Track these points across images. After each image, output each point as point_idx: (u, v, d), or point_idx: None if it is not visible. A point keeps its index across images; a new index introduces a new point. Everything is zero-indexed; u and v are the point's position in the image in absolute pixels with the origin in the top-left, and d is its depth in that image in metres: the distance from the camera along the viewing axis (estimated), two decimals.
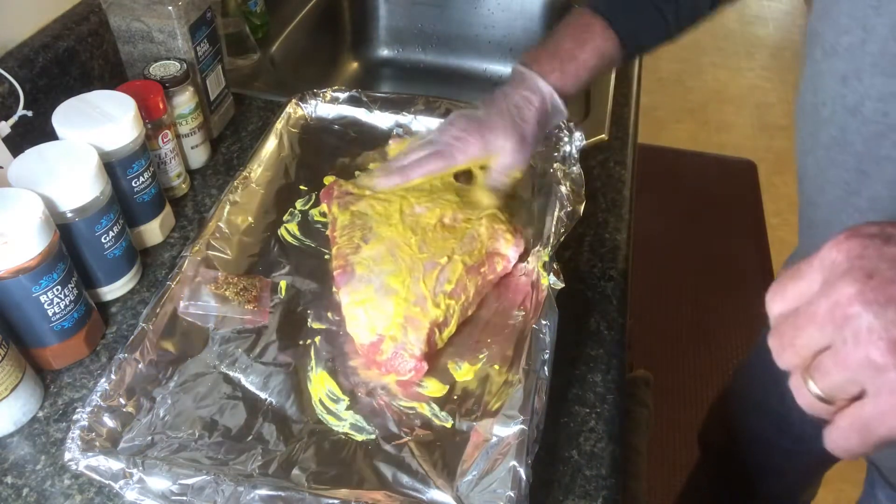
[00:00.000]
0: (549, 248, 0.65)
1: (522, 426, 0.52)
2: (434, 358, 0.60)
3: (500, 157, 0.69)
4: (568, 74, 0.69)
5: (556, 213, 0.69)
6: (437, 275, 0.62)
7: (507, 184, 0.71)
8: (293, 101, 0.85)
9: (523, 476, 0.49)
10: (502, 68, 1.25)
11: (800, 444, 0.84)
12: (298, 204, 0.75)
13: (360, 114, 0.86)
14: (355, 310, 0.61)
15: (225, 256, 0.67)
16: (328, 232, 0.70)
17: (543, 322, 0.59)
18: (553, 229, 0.67)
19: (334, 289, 0.65)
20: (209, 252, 0.66)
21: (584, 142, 0.77)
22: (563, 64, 0.69)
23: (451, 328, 0.61)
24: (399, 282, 0.61)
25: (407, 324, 0.59)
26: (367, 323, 0.60)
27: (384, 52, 1.28)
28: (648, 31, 0.72)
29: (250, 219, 0.72)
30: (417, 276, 0.62)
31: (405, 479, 0.53)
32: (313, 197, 0.76)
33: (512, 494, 0.49)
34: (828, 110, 0.55)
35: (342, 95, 0.86)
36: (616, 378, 0.62)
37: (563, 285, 0.62)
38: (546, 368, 0.56)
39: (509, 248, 0.67)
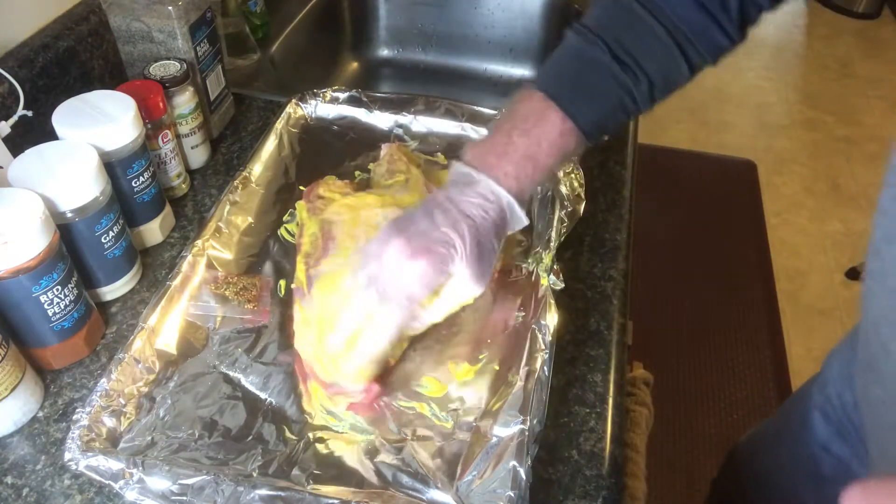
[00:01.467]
0: (550, 249, 0.65)
1: (522, 426, 0.52)
2: (433, 358, 0.60)
3: (453, 285, 0.55)
4: (524, 178, 0.55)
5: (556, 213, 0.69)
6: None
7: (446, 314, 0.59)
8: (293, 101, 0.85)
9: (523, 476, 0.49)
10: (502, 68, 1.25)
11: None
12: (298, 204, 0.75)
13: (360, 114, 0.86)
14: (304, 329, 0.59)
15: (225, 256, 0.67)
16: (295, 238, 0.69)
17: (543, 322, 0.59)
18: (554, 229, 0.67)
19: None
20: (209, 252, 0.66)
21: None
22: (519, 166, 0.55)
23: (403, 345, 0.60)
24: None
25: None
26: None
27: (384, 52, 1.27)
28: (613, 116, 0.58)
29: (250, 219, 0.72)
30: None
31: (405, 479, 0.53)
32: None
33: (512, 494, 0.49)
34: None
35: (342, 95, 0.86)
36: (616, 378, 0.62)
37: (563, 285, 0.62)
38: (546, 369, 0.56)
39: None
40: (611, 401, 0.60)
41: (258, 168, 0.76)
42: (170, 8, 0.75)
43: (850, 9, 3.09)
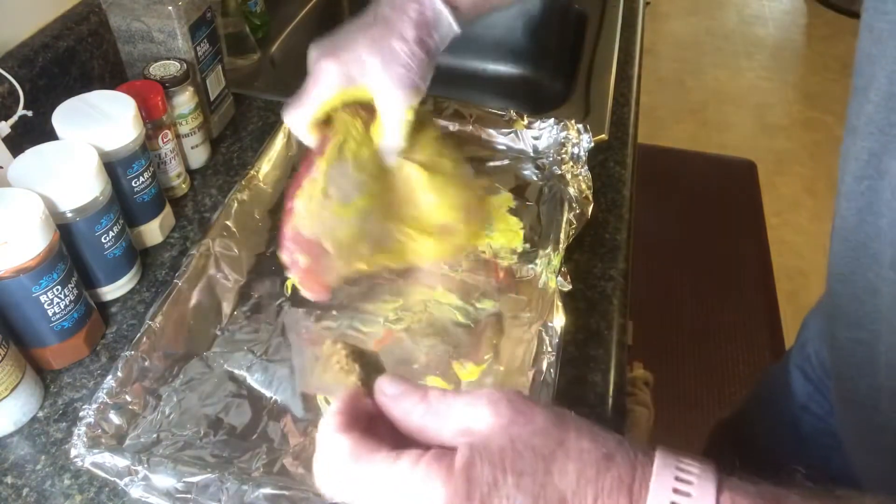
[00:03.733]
0: (559, 251, 0.65)
1: None
2: (438, 358, 0.61)
3: (374, 88, 0.54)
4: None
5: (564, 216, 0.69)
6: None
7: (404, 125, 0.57)
8: None
9: None
10: (502, 68, 1.25)
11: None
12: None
13: None
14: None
15: (232, 254, 0.67)
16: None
17: (550, 324, 0.59)
18: (562, 232, 0.67)
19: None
20: (216, 250, 0.66)
21: (592, 143, 0.77)
22: None
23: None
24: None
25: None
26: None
27: None
28: None
29: (257, 217, 0.72)
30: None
31: None
32: None
33: None
34: None
35: None
36: (616, 378, 0.62)
37: (570, 287, 0.62)
38: (552, 371, 0.56)
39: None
40: (611, 401, 0.60)
41: (266, 167, 0.76)
42: (170, 8, 0.74)
43: (850, 9, 3.10)
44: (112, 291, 0.66)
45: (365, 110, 0.59)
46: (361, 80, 0.55)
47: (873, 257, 0.49)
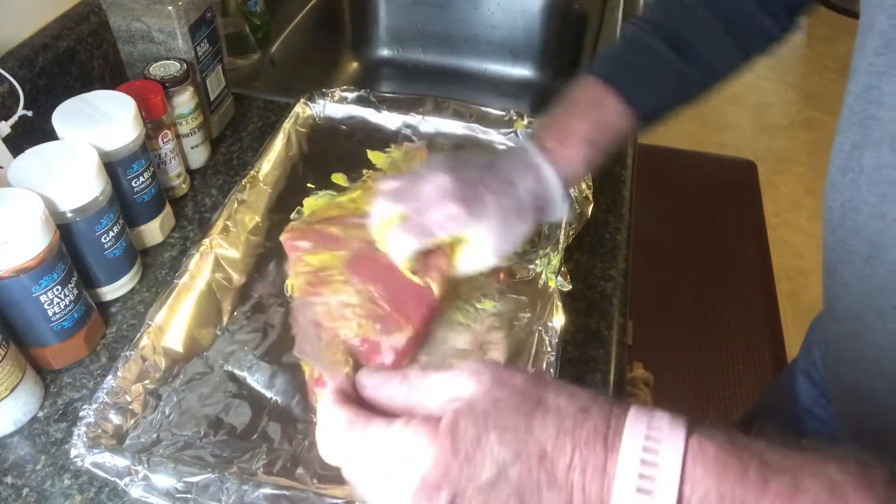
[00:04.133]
0: (558, 251, 0.65)
1: None
2: (439, 358, 0.61)
3: (474, 245, 0.56)
4: (580, 164, 0.57)
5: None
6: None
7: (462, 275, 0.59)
8: (302, 100, 0.85)
9: None
10: (502, 68, 1.25)
11: None
12: (306, 201, 0.75)
13: (369, 114, 0.86)
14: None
15: (232, 255, 0.67)
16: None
17: (550, 324, 0.59)
18: (562, 231, 0.67)
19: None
20: (217, 251, 0.66)
21: None
22: (578, 150, 0.56)
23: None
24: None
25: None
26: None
27: (384, 52, 1.27)
28: (668, 102, 0.60)
29: (258, 217, 0.72)
30: None
31: None
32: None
33: None
34: None
35: (350, 95, 0.86)
36: (616, 378, 0.62)
37: (570, 287, 0.62)
38: (552, 371, 0.56)
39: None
40: None
41: (266, 167, 0.76)
42: (170, 8, 0.74)
43: (850, 9, 3.09)
44: (112, 291, 0.66)
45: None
46: (473, 232, 0.55)
47: (855, 252, 0.49)
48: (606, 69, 0.59)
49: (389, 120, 0.85)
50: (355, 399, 0.36)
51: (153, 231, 0.72)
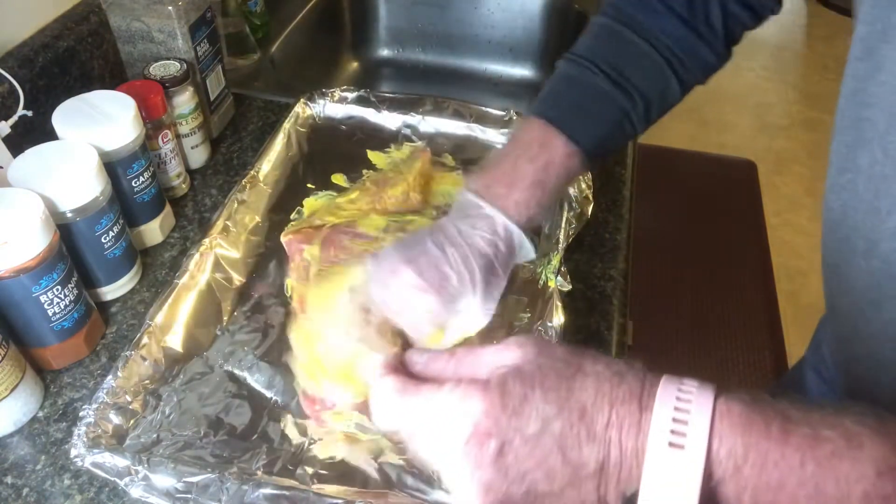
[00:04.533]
0: (558, 251, 0.65)
1: None
2: None
3: (461, 319, 0.54)
4: (534, 206, 0.55)
5: (564, 215, 0.69)
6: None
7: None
8: (302, 100, 0.85)
9: None
10: (502, 68, 1.25)
11: None
12: (306, 202, 0.75)
13: (369, 114, 0.86)
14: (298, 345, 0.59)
15: (232, 255, 0.67)
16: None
17: (550, 324, 0.59)
18: (561, 231, 0.67)
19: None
20: (216, 251, 0.66)
21: None
22: (528, 193, 0.55)
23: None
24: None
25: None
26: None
27: (384, 52, 1.27)
28: (613, 138, 0.59)
29: (258, 218, 0.72)
30: None
31: (409, 479, 0.52)
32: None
33: None
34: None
35: (350, 95, 0.86)
36: None
37: (570, 287, 0.62)
38: None
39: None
40: None
41: (266, 167, 0.76)
42: (170, 8, 0.74)
43: (851, 9, 3.09)
44: (112, 291, 0.66)
45: None
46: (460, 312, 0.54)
47: (853, 249, 0.50)
48: (549, 109, 0.57)
49: (389, 120, 0.85)
50: (405, 374, 0.39)
51: (153, 231, 0.72)
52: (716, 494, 0.32)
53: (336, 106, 0.86)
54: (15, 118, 0.67)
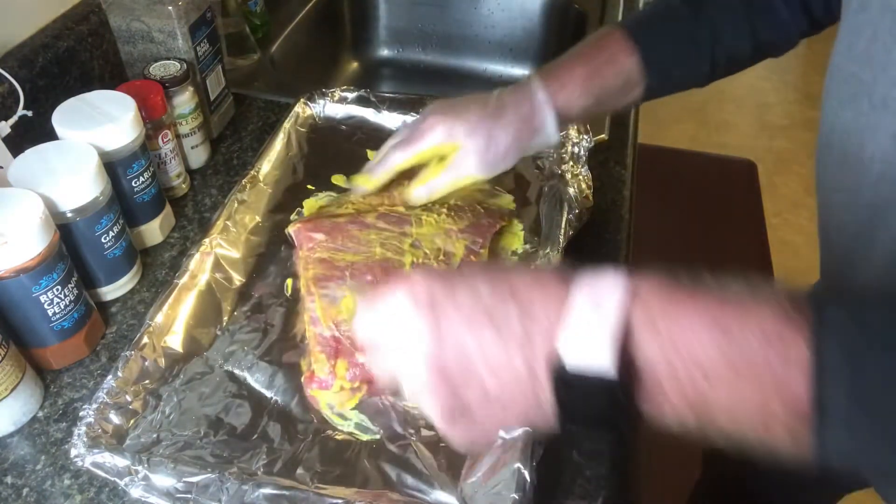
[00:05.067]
0: (558, 251, 0.65)
1: (527, 428, 0.52)
2: None
3: (458, 154, 0.61)
4: (574, 94, 0.60)
5: (564, 216, 0.69)
6: None
7: (451, 187, 0.64)
8: (302, 100, 0.85)
9: (528, 478, 0.49)
10: (502, 68, 1.25)
11: (818, 476, 0.80)
12: (306, 203, 0.75)
13: (369, 114, 0.86)
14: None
15: (232, 255, 0.67)
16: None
17: None
18: (562, 231, 0.67)
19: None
20: (217, 251, 0.66)
21: (593, 143, 0.77)
22: (572, 83, 0.60)
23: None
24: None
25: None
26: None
27: (384, 52, 1.27)
28: (679, 64, 0.62)
29: (258, 217, 0.72)
30: None
31: (409, 479, 0.52)
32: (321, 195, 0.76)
33: (516, 496, 0.48)
34: (879, 167, 0.49)
35: (350, 95, 0.86)
36: None
37: None
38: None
39: None
40: None
41: (266, 167, 0.76)
42: (170, 8, 0.74)
43: None
44: (112, 291, 0.66)
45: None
46: (459, 140, 0.60)
47: (842, 191, 0.56)
48: (630, 22, 0.62)
49: (389, 120, 0.85)
50: None
51: (153, 231, 0.72)
52: (634, 359, 0.33)
53: (336, 106, 0.86)
54: (15, 118, 0.67)
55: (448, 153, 0.62)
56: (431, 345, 0.36)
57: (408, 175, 0.69)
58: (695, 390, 0.32)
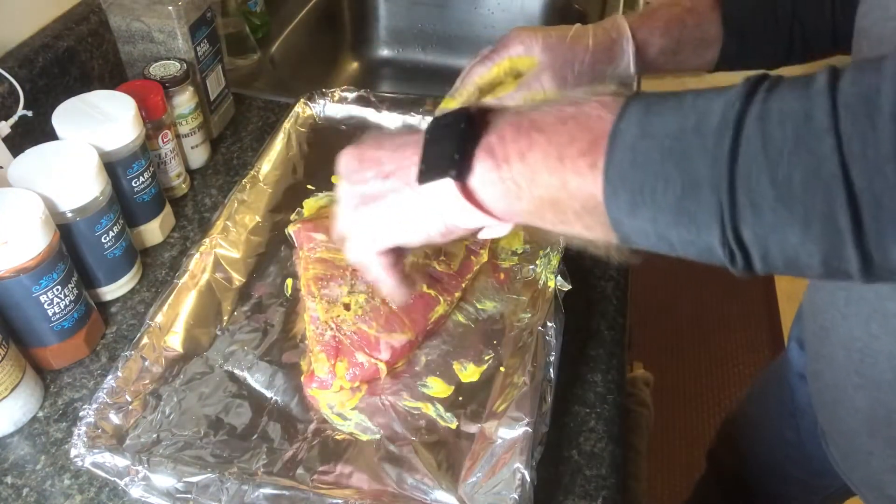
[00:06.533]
0: (558, 251, 0.65)
1: (527, 428, 0.52)
2: (439, 359, 0.61)
3: (534, 70, 0.61)
4: (655, 32, 0.61)
5: None
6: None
7: (516, 102, 0.63)
8: (302, 100, 0.85)
9: (528, 478, 0.49)
10: None
11: (817, 476, 0.81)
12: (306, 203, 0.75)
13: (369, 114, 0.86)
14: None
15: (232, 255, 0.67)
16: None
17: (550, 324, 0.59)
18: None
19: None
20: (217, 250, 0.66)
21: None
22: (653, 20, 0.62)
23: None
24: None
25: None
26: None
27: (384, 52, 1.27)
28: (755, 31, 0.63)
29: (258, 217, 0.72)
30: None
31: (409, 479, 0.52)
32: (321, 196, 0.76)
33: (516, 496, 0.48)
34: None
35: (350, 95, 0.86)
36: (616, 378, 0.62)
37: (570, 287, 0.62)
38: (552, 371, 0.56)
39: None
40: (611, 401, 0.60)
41: (266, 167, 0.76)
42: (170, 8, 0.74)
43: None
44: (112, 291, 0.66)
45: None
46: (535, 54, 0.61)
47: None
48: None
49: (389, 120, 0.85)
50: None
51: (153, 231, 0.72)
52: (487, 115, 0.41)
53: (336, 106, 0.86)
54: (15, 118, 0.67)
55: (525, 69, 0.62)
56: (350, 169, 0.47)
57: None
58: (527, 139, 0.39)
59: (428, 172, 0.41)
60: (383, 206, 0.45)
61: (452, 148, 0.40)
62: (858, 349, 0.53)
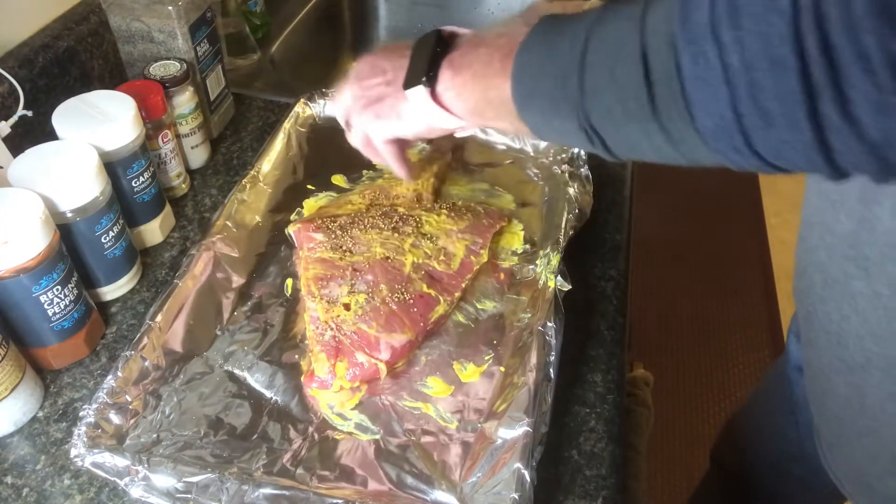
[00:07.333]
0: (558, 251, 0.65)
1: (527, 428, 0.52)
2: (439, 359, 0.61)
3: None
4: None
5: (564, 216, 0.69)
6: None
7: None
8: (302, 100, 0.85)
9: (528, 479, 0.49)
10: None
11: (816, 475, 0.82)
12: (306, 203, 0.75)
13: None
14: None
15: (232, 255, 0.67)
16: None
17: (550, 324, 0.59)
18: (562, 231, 0.67)
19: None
20: (217, 250, 0.66)
21: None
22: None
23: None
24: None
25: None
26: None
27: None
28: None
29: (258, 217, 0.72)
30: None
31: (409, 479, 0.52)
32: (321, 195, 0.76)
33: (516, 497, 0.48)
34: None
35: None
36: (616, 378, 0.62)
37: (570, 287, 0.62)
38: (552, 371, 0.56)
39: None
40: (611, 401, 0.60)
41: (266, 167, 0.76)
42: (170, 8, 0.74)
43: None
44: (112, 291, 0.66)
45: None
46: None
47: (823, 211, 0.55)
48: None
49: None
50: None
51: (153, 231, 0.72)
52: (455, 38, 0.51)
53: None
54: (15, 118, 0.67)
55: None
56: (362, 74, 0.57)
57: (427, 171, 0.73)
58: (474, 52, 0.48)
59: (408, 81, 0.51)
60: (384, 107, 0.56)
61: (425, 62, 0.50)
62: (835, 332, 0.54)
